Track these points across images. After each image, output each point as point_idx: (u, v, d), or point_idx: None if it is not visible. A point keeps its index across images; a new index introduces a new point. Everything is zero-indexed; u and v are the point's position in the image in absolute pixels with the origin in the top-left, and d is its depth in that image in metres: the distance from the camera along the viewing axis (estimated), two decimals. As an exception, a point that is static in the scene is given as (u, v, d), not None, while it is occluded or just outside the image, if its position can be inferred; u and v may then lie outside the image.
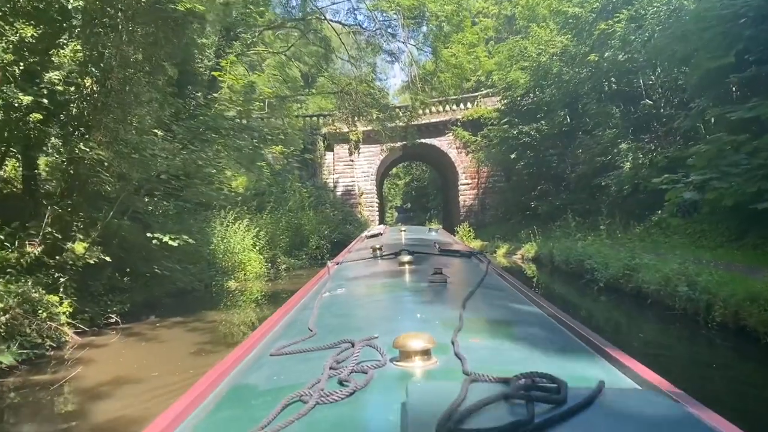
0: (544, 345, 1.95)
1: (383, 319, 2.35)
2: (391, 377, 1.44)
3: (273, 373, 1.71)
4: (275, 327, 2.48)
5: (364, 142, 32.46)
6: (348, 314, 2.57)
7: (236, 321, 11.66)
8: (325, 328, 2.14)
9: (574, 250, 15.02)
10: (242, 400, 1.55)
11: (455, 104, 31.73)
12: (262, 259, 19.98)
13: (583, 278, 13.73)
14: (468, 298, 2.49)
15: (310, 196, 29.07)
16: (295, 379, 1.52)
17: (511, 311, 2.63)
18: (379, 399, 1.33)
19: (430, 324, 2.08)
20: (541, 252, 18.86)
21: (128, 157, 11.38)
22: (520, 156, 24.30)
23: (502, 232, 26.10)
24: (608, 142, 18.85)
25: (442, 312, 2.31)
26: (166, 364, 7.95)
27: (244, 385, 1.68)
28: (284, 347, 1.91)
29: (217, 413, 1.47)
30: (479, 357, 1.61)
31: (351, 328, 2.13)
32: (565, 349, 1.95)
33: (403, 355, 1.52)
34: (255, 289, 17.19)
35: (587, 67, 19.77)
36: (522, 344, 1.93)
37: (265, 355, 1.93)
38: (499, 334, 2.12)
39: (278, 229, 21.89)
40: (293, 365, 1.74)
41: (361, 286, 3.46)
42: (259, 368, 1.82)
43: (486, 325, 2.25)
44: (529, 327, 2.27)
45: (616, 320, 10.47)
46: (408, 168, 61.55)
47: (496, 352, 1.83)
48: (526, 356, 1.76)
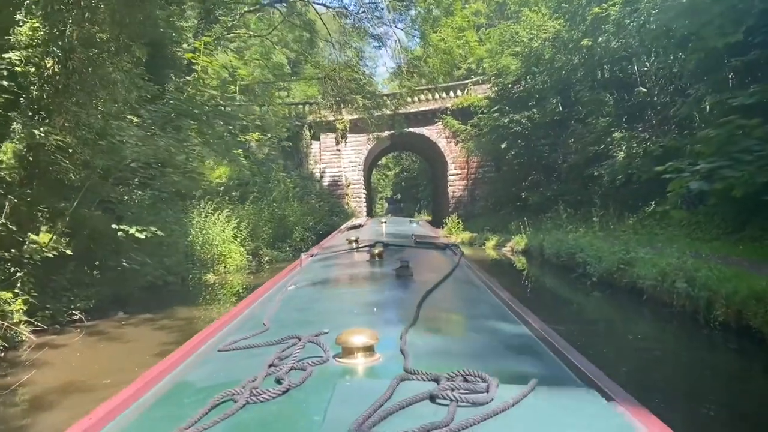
0: (495, 341, 1.92)
1: (339, 313, 2.30)
2: (331, 374, 1.39)
3: (217, 369, 1.66)
4: (232, 321, 2.38)
5: (351, 131, 31.76)
6: (307, 309, 2.49)
7: (210, 317, 10.99)
8: (279, 322, 2.09)
9: (565, 242, 14.47)
10: (178, 398, 1.47)
11: (444, 92, 31.05)
12: (243, 251, 19.32)
13: (574, 272, 13.19)
14: (430, 292, 2.43)
15: (296, 187, 28.36)
16: (236, 376, 1.44)
17: (471, 306, 2.61)
18: (311, 398, 1.27)
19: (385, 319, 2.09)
20: (531, 244, 18.31)
21: (93, 144, 10.67)
22: (510, 145, 23.68)
23: (492, 223, 25.54)
24: (601, 131, 18.29)
25: (401, 306, 2.28)
26: (122, 369, 7.31)
27: (185, 382, 1.61)
28: (233, 343, 1.85)
29: (150, 412, 1.39)
30: (425, 353, 1.57)
31: (305, 323, 2.07)
32: (517, 345, 1.90)
33: (345, 351, 1.48)
34: (235, 283, 16.54)
35: (580, 53, 19.16)
36: (472, 339, 1.94)
37: (213, 351, 1.87)
38: (452, 330, 2.14)
39: (261, 220, 21.22)
40: (238, 362, 1.68)
41: (328, 279, 3.41)
42: (203, 364, 1.76)
43: (441, 320, 2.21)
44: (486, 322, 2.24)
45: (610, 318, 9.93)
46: (398, 158, 61.00)
47: (444, 347, 1.81)
48: (472, 352, 1.75)
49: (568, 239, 14.62)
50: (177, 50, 19.18)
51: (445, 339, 1.98)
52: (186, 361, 1.83)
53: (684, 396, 5.75)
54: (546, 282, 13.67)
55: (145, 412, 1.40)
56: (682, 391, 5.91)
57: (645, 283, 9.87)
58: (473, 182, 30.44)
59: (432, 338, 1.86)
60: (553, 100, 20.43)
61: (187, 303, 12.53)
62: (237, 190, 24.74)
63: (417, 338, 1.71)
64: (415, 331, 1.79)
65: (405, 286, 2.79)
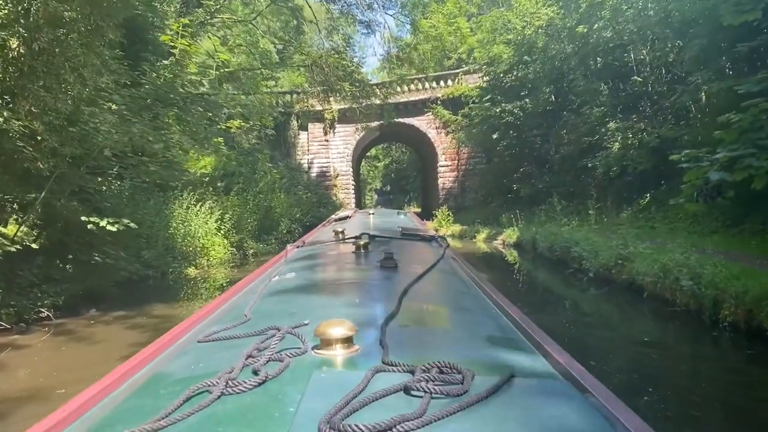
0: (475, 332, 1.94)
1: (321, 305, 2.28)
2: (308, 366, 1.38)
3: (195, 360, 1.63)
4: (213, 312, 2.38)
5: (339, 121, 31.11)
6: (289, 300, 2.46)
7: (189, 314, 10.40)
8: (260, 314, 2.08)
9: (559, 236, 13.99)
10: (155, 389, 1.44)
11: (435, 81, 30.44)
12: (227, 244, 18.72)
13: (569, 267, 12.75)
14: (413, 283, 2.43)
15: (282, 178, 27.73)
16: (215, 367, 1.43)
17: (453, 297, 2.62)
18: (287, 389, 1.25)
19: (366, 310, 2.09)
20: (523, 237, 17.83)
21: (62, 130, 10.02)
22: (502, 136, 23.13)
23: (483, 216, 25.06)
24: (596, 121, 17.80)
25: (384, 298, 2.28)
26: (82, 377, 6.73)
27: (162, 373, 1.59)
28: (213, 334, 1.84)
29: (126, 403, 1.38)
30: (404, 345, 1.57)
31: (287, 314, 2.07)
32: (497, 337, 1.90)
33: (324, 342, 1.47)
34: (218, 277, 15.95)
35: (574, 41, 18.61)
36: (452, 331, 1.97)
37: (192, 342, 1.86)
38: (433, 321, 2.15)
39: (246, 212, 20.59)
40: (217, 353, 1.66)
41: (313, 270, 3.36)
42: (182, 355, 1.75)
43: (423, 312, 2.22)
44: (467, 314, 2.25)
45: (607, 316, 9.45)
46: (387, 150, 60.41)
47: (423, 339, 1.82)
48: (451, 344, 1.76)
49: (562, 233, 14.15)
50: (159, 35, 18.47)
51: (426, 331, 1.98)
52: (164, 352, 1.82)
53: (694, 403, 5.28)
54: (539, 277, 13.19)
55: (120, 403, 1.39)
56: (691, 398, 5.44)
57: (645, 279, 9.40)
58: (463, 174, 29.90)
59: (412, 330, 1.87)
60: (546, 89, 19.89)
61: (165, 299, 11.94)
62: (222, 181, 24.11)
63: (397, 330, 1.71)
64: (396, 323, 1.78)
65: (389, 277, 2.79)
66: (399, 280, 2.69)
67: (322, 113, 30.76)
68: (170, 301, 11.67)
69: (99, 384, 1.48)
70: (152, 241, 15.05)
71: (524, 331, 1.92)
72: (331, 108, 30.65)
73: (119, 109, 10.57)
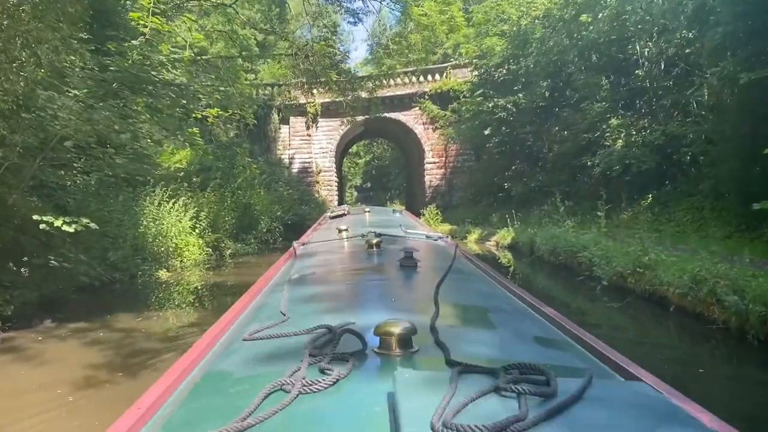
0: (521, 334, 1.93)
1: (357, 304, 2.29)
2: (372, 365, 1.40)
3: (248, 359, 1.64)
4: (245, 310, 2.39)
5: (322, 115, 29.90)
6: (320, 298, 2.49)
7: (158, 328, 9.16)
8: (297, 312, 2.09)
9: (564, 239, 13.01)
10: (218, 387, 1.47)
11: (422, 75, 29.32)
12: (202, 244, 17.46)
13: (576, 273, 11.80)
14: (440, 283, 2.23)
15: (263, 173, 26.45)
16: (272, 365, 1.48)
17: (483, 297, 2.59)
18: (363, 388, 1.27)
19: (405, 310, 2.07)
20: (519, 239, 16.86)
21: (13, 115, 8.76)
22: (494, 132, 22.12)
23: (472, 215, 24.08)
24: (596, 117, 16.87)
25: (417, 298, 2.35)
26: (27, 401, 5.54)
27: (219, 372, 1.60)
28: (257, 332, 1.85)
29: (193, 401, 1.40)
30: (459, 345, 1.56)
31: (325, 312, 2.10)
32: (543, 338, 1.89)
33: (383, 342, 1.46)
34: (192, 280, 14.72)
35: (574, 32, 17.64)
36: (499, 333, 1.94)
37: (237, 340, 1.86)
38: (476, 322, 2.13)
39: (223, 210, 19.33)
40: (268, 351, 1.67)
41: (330, 268, 3.37)
42: (232, 354, 1.75)
43: (461, 312, 2.23)
44: (504, 314, 2.23)
45: (633, 332, 8.43)
46: (369, 146, 59.38)
47: (475, 340, 1.80)
48: (505, 346, 1.75)
49: (567, 236, 13.16)
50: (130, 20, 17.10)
51: (475, 331, 1.97)
52: (212, 350, 1.82)
53: None
54: (545, 285, 12.19)
55: (189, 401, 1.40)
56: None
57: (671, 291, 8.43)
58: (451, 171, 28.86)
59: (460, 330, 1.90)
60: (543, 83, 18.92)
61: (131, 307, 10.71)
62: (198, 176, 22.80)
63: (446, 330, 1.70)
64: (440, 323, 1.75)
65: (412, 276, 2.76)
66: (423, 279, 2.70)
67: (304, 106, 29.51)
68: (137, 309, 10.43)
69: (162, 383, 1.48)
70: (120, 241, 13.78)
71: (567, 331, 1.93)
72: (315, 101, 29.42)
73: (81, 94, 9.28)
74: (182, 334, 8.80)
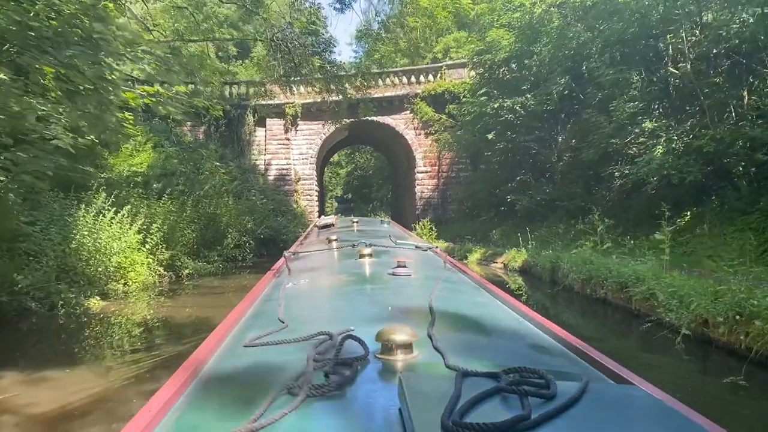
0: (515, 340, 1.97)
1: (354, 312, 2.32)
2: (375, 370, 1.44)
3: (251, 364, 1.67)
4: (242, 318, 2.40)
5: (303, 118, 27.03)
6: (316, 306, 2.58)
7: (47, 400, 6.16)
8: (295, 320, 2.11)
9: (607, 267, 10.25)
10: (226, 390, 1.49)
11: (414, 76, 26.61)
12: (153, 263, 14.45)
13: (630, 314, 9.09)
14: (434, 291, 2.50)
15: (234, 180, 23.50)
16: (275, 371, 1.50)
17: (476, 305, 2.62)
18: (369, 391, 1.31)
19: (401, 318, 2.11)
20: (535, 262, 14.10)
21: None
22: (498, 137, 19.41)
23: (469, 230, 21.36)
24: (627, 120, 14.27)
25: (411, 306, 2.35)
26: None
27: (225, 376, 1.60)
28: (257, 338, 1.87)
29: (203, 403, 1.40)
30: (457, 351, 1.61)
31: (323, 320, 2.14)
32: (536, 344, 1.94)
33: (385, 348, 1.51)
34: (135, 311, 11.70)
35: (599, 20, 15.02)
36: (494, 339, 1.98)
37: (238, 346, 1.87)
38: (470, 329, 2.17)
39: (182, 221, 16.31)
40: (270, 357, 1.69)
41: (324, 278, 3.43)
42: (234, 359, 1.76)
43: (455, 320, 2.24)
44: (498, 321, 2.29)
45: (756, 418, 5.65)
46: (351, 156, 56.63)
47: (471, 346, 1.83)
48: (501, 351, 1.80)
49: (610, 263, 10.41)
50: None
51: (470, 337, 1.99)
52: (213, 357, 1.80)
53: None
54: (590, 331, 9.35)
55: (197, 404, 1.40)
56: None
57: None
58: (445, 182, 26.05)
59: (456, 336, 1.89)
60: (561, 80, 16.28)
61: (30, 357, 7.77)
62: (159, 182, 19.80)
63: (443, 336, 1.74)
64: (436, 330, 1.80)
65: (406, 285, 2.82)
66: (417, 287, 2.79)
67: (283, 107, 26.59)
68: (35, 362, 7.46)
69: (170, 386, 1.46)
70: (36, 260, 10.78)
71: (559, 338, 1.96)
72: (294, 101, 26.57)
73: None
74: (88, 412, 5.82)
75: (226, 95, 26.94)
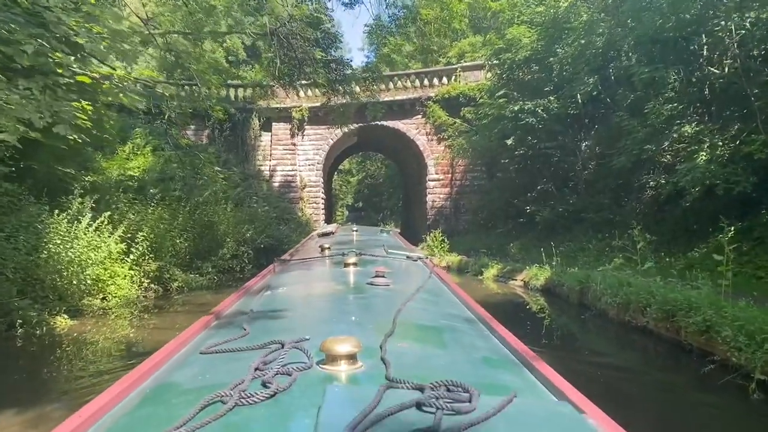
0: (471, 353, 1.96)
1: (318, 320, 2.33)
2: (315, 380, 1.41)
3: (200, 371, 1.64)
4: (210, 325, 2.39)
5: (310, 122, 25.76)
6: (285, 315, 2.52)
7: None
8: (259, 327, 2.11)
9: (649, 291, 8.76)
10: (164, 398, 1.48)
11: (426, 78, 25.25)
12: (138, 275, 13.16)
13: (679, 348, 7.65)
14: (406, 302, 2.47)
15: (237, 186, 22.21)
16: (221, 378, 1.46)
17: (445, 317, 2.60)
18: (299, 402, 1.30)
19: (363, 327, 2.10)
20: (560, 281, 12.62)
21: None
22: (518, 143, 17.96)
23: (485, 244, 19.88)
24: (663, 124, 12.80)
25: (378, 315, 2.31)
26: None
27: (169, 384, 1.61)
28: (215, 346, 1.85)
29: (138, 411, 1.41)
30: (405, 362, 1.60)
31: (285, 328, 2.11)
32: (491, 357, 1.94)
33: (329, 358, 1.49)
34: (112, 330, 10.41)
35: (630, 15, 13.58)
36: (449, 351, 1.97)
37: (195, 353, 1.87)
38: (429, 340, 2.14)
39: (173, 229, 15.03)
40: (221, 364, 1.67)
41: (303, 286, 3.40)
42: (186, 366, 1.76)
43: (418, 331, 2.23)
44: (460, 334, 2.26)
45: None
46: (362, 164, 55.40)
47: (423, 358, 1.81)
48: (450, 363, 1.78)
49: (652, 285, 8.93)
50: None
51: (424, 349, 1.96)
52: (168, 362, 1.82)
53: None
54: (630, 367, 7.86)
55: (133, 410, 1.41)
56: None
57: None
58: (458, 190, 24.60)
59: (410, 349, 1.87)
60: (589, 79, 14.84)
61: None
62: (157, 187, 18.56)
63: (396, 348, 1.74)
64: (394, 341, 1.80)
65: (380, 295, 2.83)
66: (390, 298, 2.74)
67: (289, 111, 25.38)
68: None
69: (109, 393, 1.46)
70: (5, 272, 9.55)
71: (516, 353, 1.95)
72: (301, 105, 25.34)
73: None
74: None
75: (231, 98, 25.80)
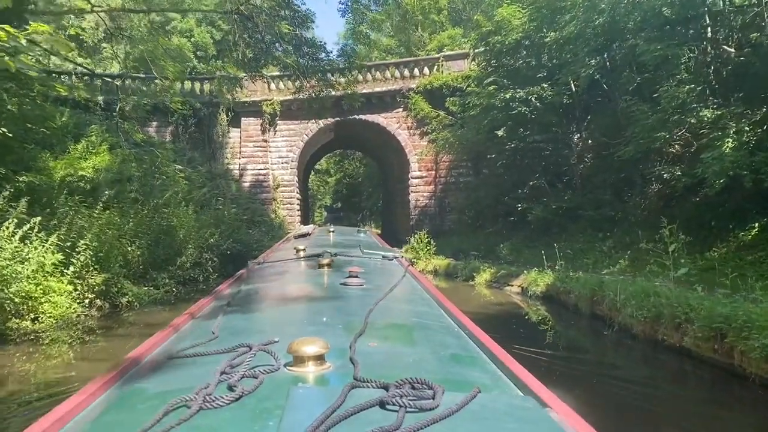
0: (439, 350, 1.97)
1: (289, 322, 2.33)
2: (282, 382, 1.40)
3: (168, 376, 1.65)
4: (180, 329, 2.35)
5: (282, 117, 24.01)
6: (256, 318, 2.54)
7: None
8: (228, 331, 2.10)
9: (688, 304, 7.23)
10: (130, 403, 1.46)
11: (407, 68, 23.63)
12: (80, 290, 11.32)
13: (731, 373, 6.16)
14: (378, 302, 2.48)
15: (202, 186, 20.36)
16: (188, 383, 1.44)
17: (416, 315, 2.61)
18: (264, 404, 1.28)
19: (333, 328, 2.10)
20: (565, 288, 11.08)
21: None
22: (510, 135, 16.43)
23: (473, 245, 18.34)
24: (678, 108, 11.36)
25: (350, 316, 2.31)
26: None
27: (137, 388, 1.59)
28: (184, 350, 1.85)
29: (103, 417, 1.40)
30: (373, 362, 1.60)
31: (254, 331, 2.11)
32: (459, 354, 1.96)
33: (296, 360, 1.49)
34: (45, 361, 8.56)
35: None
36: (418, 349, 1.98)
37: (163, 358, 1.86)
38: (399, 339, 2.17)
39: (123, 235, 13.20)
40: (189, 369, 1.67)
41: (277, 288, 3.41)
42: (154, 371, 1.75)
43: (388, 330, 2.22)
44: (431, 332, 2.28)
45: None
46: (340, 163, 53.63)
47: (391, 356, 1.82)
48: (418, 361, 1.78)
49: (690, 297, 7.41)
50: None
51: (393, 348, 1.98)
52: (136, 367, 1.79)
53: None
54: (673, 404, 6.31)
55: (99, 417, 1.39)
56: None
57: None
58: (443, 188, 22.99)
59: (380, 347, 1.88)
60: (591, 61, 13.34)
61: None
62: (112, 188, 16.68)
63: (366, 347, 1.75)
64: (364, 340, 1.82)
65: (353, 295, 2.84)
66: (363, 297, 2.75)
67: (259, 104, 23.61)
68: None
69: (75, 398, 1.45)
70: None
71: (485, 349, 1.96)
72: (272, 98, 23.58)
73: None
74: None
75: (197, 91, 23.98)
